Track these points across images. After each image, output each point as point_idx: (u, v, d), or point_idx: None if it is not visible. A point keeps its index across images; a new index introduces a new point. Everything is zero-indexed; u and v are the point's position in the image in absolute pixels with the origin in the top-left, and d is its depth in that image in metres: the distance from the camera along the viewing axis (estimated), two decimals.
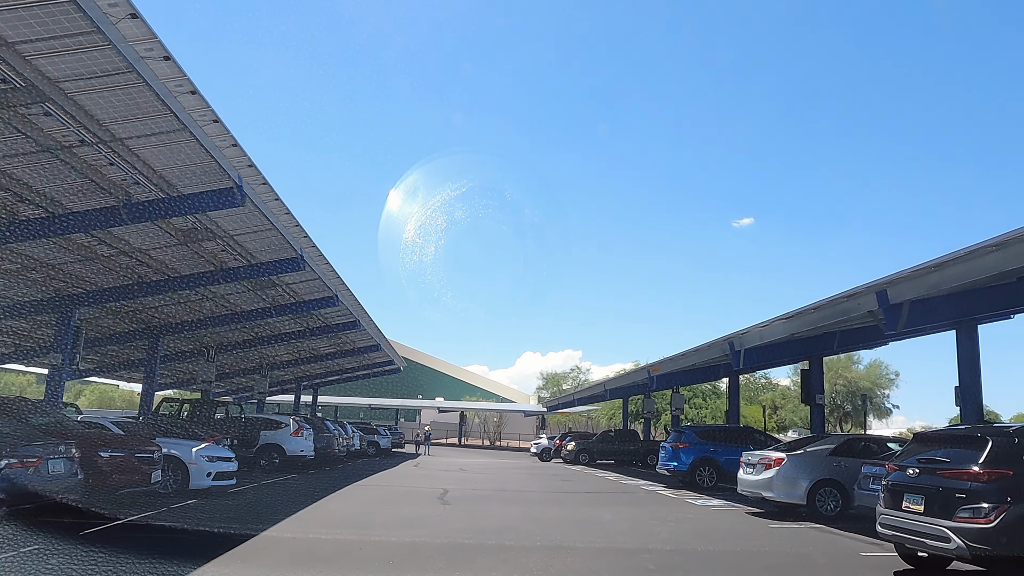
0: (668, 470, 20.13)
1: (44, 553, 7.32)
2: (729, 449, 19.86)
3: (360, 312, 27.92)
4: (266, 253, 19.14)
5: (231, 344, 28.67)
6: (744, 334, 16.63)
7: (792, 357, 18.17)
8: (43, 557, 7.15)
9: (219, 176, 14.00)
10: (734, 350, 17.13)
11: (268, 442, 21.31)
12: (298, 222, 17.64)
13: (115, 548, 7.81)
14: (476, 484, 19.75)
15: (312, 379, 42.95)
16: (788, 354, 17.79)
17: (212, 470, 14.15)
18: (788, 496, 13.14)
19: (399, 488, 17.80)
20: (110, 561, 7.16)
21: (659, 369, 23.30)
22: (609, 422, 57.13)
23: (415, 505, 13.90)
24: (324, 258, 20.67)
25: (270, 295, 23.05)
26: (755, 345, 16.50)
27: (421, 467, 28.36)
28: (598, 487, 20.13)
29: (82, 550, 7.53)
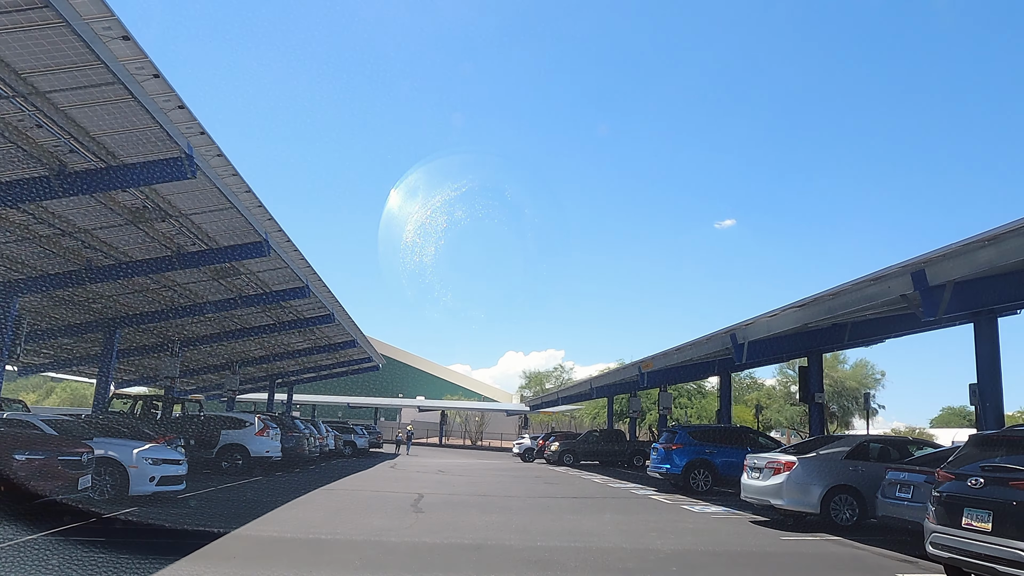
0: (660, 473, 18.73)
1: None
2: (725, 451, 18.52)
3: (334, 305, 26.28)
4: (227, 236, 17.50)
5: (197, 338, 26.91)
6: (749, 325, 15.23)
7: (796, 351, 16.79)
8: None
9: (165, 144, 12.38)
10: (736, 343, 15.74)
11: (230, 442, 19.63)
12: (261, 202, 16.02)
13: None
14: (454, 488, 18.24)
15: (287, 376, 41.18)
16: (792, 348, 16.40)
17: (156, 474, 12.50)
18: (799, 504, 11.76)
19: (369, 493, 16.24)
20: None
21: (651, 365, 21.92)
22: (593, 422, 55.77)
23: (384, 514, 12.35)
24: (292, 244, 19.05)
25: (235, 284, 21.37)
26: (760, 337, 15.12)
27: (398, 468, 26.78)
28: (585, 491, 18.70)
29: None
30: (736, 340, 15.69)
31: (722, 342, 16.68)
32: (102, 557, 7.37)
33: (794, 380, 57.82)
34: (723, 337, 16.43)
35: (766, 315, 14.23)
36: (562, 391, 43.45)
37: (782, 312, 13.54)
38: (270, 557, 8.21)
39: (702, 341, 17.81)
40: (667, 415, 32.82)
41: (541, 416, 62.51)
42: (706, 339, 17.54)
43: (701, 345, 17.99)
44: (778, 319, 13.95)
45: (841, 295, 11.65)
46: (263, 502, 13.08)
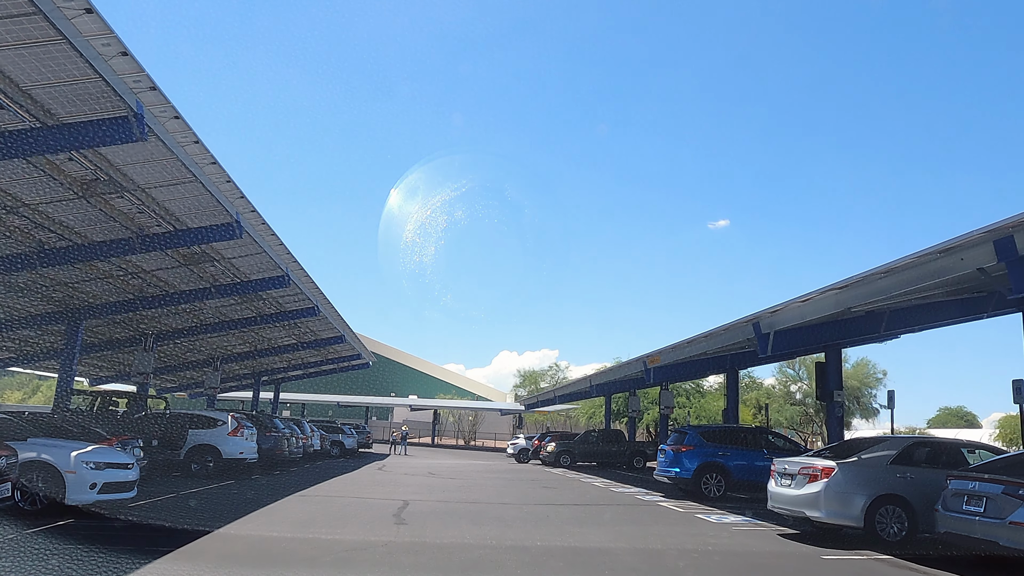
0: (668, 477, 17.07)
1: None
2: (740, 453, 16.88)
3: (318, 296, 24.54)
4: (193, 215, 15.75)
5: (172, 331, 25.11)
6: (776, 312, 13.51)
7: (823, 342, 15.03)
8: None
9: (108, 100, 10.67)
10: (760, 333, 14.05)
11: (201, 443, 17.87)
12: (230, 177, 14.30)
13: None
14: (444, 493, 16.54)
15: (273, 374, 39.37)
16: (820, 338, 14.67)
17: (98, 480, 10.75)
18: (840, 516, 10.11)
19: (349, 499, 14.52)
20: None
21: (658, 360, 20.22)
22: (589, 421, 54.07)
23: (360, 526, 10.65)
24: (268, 227, 17.31)
25: (208, 272, 19.60)
26: (788, 327, 13.44)
27: (386, 470, 25.06)
28: (587, 497, 17.03)
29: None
30: (760, 330, 14.00)
31: (742, 332, 14.98)
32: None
33: (794, 379, 56.29)
34: (743, 327, 14.73)
35: (797, 300, 12.50)
36: (559, 389, 41.70)
37: (819, 295, 11.79)
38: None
39: (718, 332, 16.09)
40: (668, 414, 31.23)
41: (536, 415, 60.82)
42: (723, 330, 15.82)
43: (716, 337, 16.29)
44: (812, 304, 12.21)
45: (897, 272, 9.90)
46: (224, 511, 11.36)
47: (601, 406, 50.42)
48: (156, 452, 16.06)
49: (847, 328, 14.30)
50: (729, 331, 15.68)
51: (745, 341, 15.52)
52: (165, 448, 16.78)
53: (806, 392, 55.36)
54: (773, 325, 13.74)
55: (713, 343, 16.84)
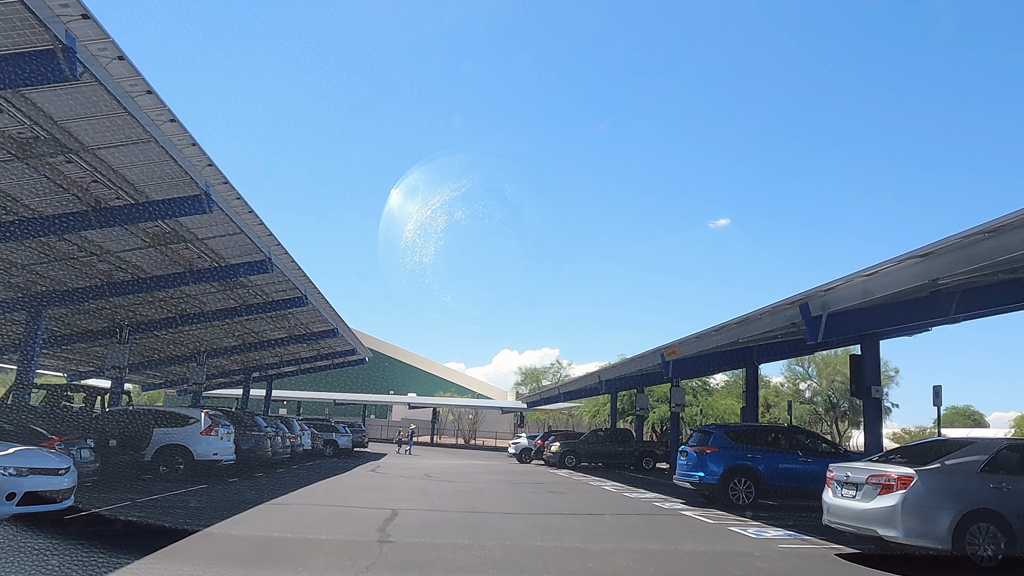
0: (691, 482, 15.11)
1: None
2: (771, 455, 14.92)
3: (306, 285, 22.58)
4: (156, 187, 13.81)
5: (150, 322, 23.16)
6: (831, 291, 11.41)
7: (886, 325, 12.78)
8: None
9: (30, 29, 8.77)
10: (810, 316, 11.99)
11: (169, 443, 15.92)
12: (195, 140, 12.38)
13: None
14: (439, 500, 14.60)
15: (264, 370, 37.41)
16: (881, 321, 12.42)
17: (18, 489, 8.78)
18: (921, 536, 8.15)
19: (330, 508, 12.57)
20: None
21: (677, 352, 18.16)
22: (593, 420, 52.03)
23: (334, 547, 8.70)
24: (245, 203, 15.37)
25: (182, 255, 17.67)
26: (847, 307, 11.39)
27: (379, 472, 23.10)
28: (600, 504, 15.08)
29: None
30: (809, 312, 11.97)
31: (786, 317, 12.92)
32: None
33: (803, 377, 54.30)
34: (786, 310, 12.66)
35: (861, 274, 10.38)
36: (564, 386, 39.61)
37: (893, 266, 9.62)
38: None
39: (754, 317, 13.98)
40: (679, 412, 29.27)
41: (537, 414, 58.84)
42: (760, 314, 13.69)
43: (752, 323, 14.21)
44: (883, 278, 10.09)
45: (1006, 232, 7.74)
46: (179, 525, 9.40)
47: (605, 404, 48.40)
48: (114, 453, 14.12)
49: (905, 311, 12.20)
50: (773, 314, 13.58)
51: (789, 327, 13.45)
52: (126, 449, 14.83)
53: (815, 390, 53.43)
54: (827, 306, 11.69)
55: (747, 330, 14.76)
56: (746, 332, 14.92)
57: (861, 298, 10.89)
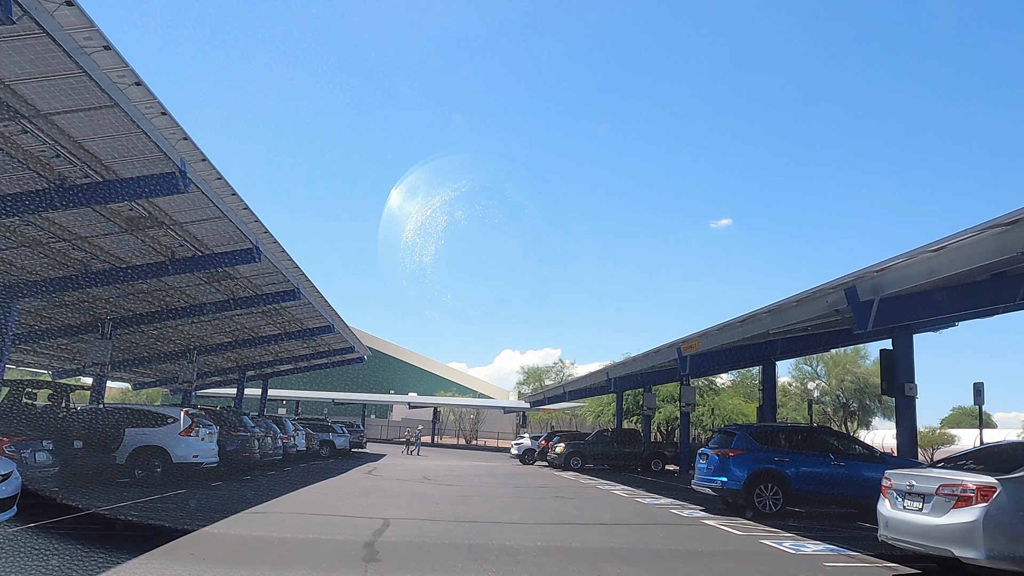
0: (713, 488, 13.73)
1: None
2: (800, 458, 13.53)
3: (298, 277, 21.25)
4: (125, 162, 12.47)
5: (135, 316, 21.82)
6: (884, 271, 9.90)
7: (950, 311, 11.27)
8: None
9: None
10: (857, 301, 10.57)
11: (145, 444, 14.60)
12: (165, 109, 11.07)
13: None
14: (437, 507, 13.26)
15: (259, 368, 36.05)
16: (943, 306, 10.90)
17: None
18: (1009, 558, 6.78)
19: (314, 519, 11.22)
20: None
21: (696, 346, 16.68)
22: (597, 420, 50.65)
23: (314, 565, 7.36)
24: (227, 185, 14.05)
25: (161, 242, 16.34)
26: (904, 290, 9.97)
27: (375, 474, 21.76)
28: (612, 513, 13.71)
29: None
30: (857, 296, 10.57)
31: (828, 303, 11.50)
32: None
33: (811, 376, 52.88)
34: (829, 295, 11.19)
35: (926, 249, 8.84)
36: (569, 384, 38.16)
37: (970, 238, 8.08)
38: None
39: (788, 305, 12.48)
40: (690, 412, 27.92)
41: (540, 414, 57.44)
42: (794, 302, 12.21)
43: (785, 312, 12.68)
44: (954, 252, 8.53)
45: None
46: (127, 544, 8.07)
47: (610, 404, 47.02)
48: (80, 456, 12.79)
49: (966, 296, 10.70)
50: (806, 302, 12.13)
51: (829, 316, 11.97)
52: (94, 451, 13.50)
53: (824, 390, 52.01)
54: (879, 288, 10.27)
55: (779, 320, 13.27)
56: (777, 322, 13.49)
57: (924, 278, 9.44)
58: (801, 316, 12.73)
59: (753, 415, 48.02)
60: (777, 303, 13.02)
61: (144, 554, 7.34)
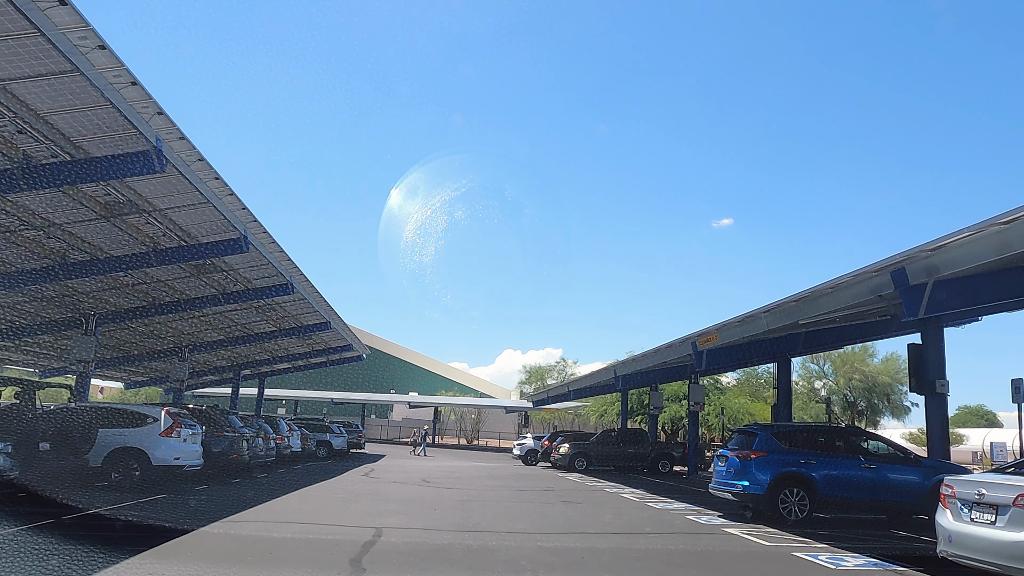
0: (733, 492, 12.64)
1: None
2: (827, 461, 12.43)
3: (291, 270, 20.18)
4: (97, 140, 11.42)
5: (120, 312, 20.77)
6: (940, 249, 8.59)
7: (998, 297, 10.07)
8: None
9: None
10: (907, 284, 9.36)
11: (122, 445, 13.53)
12: (136, 79, 10.03)
13: None
14: (435, 515, 12.19)
15: (255, 366, 34.99)
16: (996, 292, 9.76)
17: None
18: None
19: (299, 529, 10.14)
20: None
21: (714, 339, 15.48)
22: (600, 420, 49.50)
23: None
24: (210, 168, 12.99)
25: (143, 231, 15.29)
26: (963, 271, 8.78)
27: (372, 476, 20.70)
28: (625, 520, 12.63)
29: None
30: (906, 279, 9.41)
31: (870, 287, 10.27)
32: None
33: (818, 375, 51.68)
34: (873, 279, 9.91)
35: (995, 222, 7.48)
36: (573, 383, 36.99)
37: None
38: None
39: (823, 292, 11.07)
40: (699, 411, 26.86)
41: (542, 414, 56.32)
42: (830, 287, 10.79)
43: (819, 299, 11.23)
44: None
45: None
46: (70, 561, 7.00)
47: (613, 403, 45.91)
48: (47, 459, 11.73)
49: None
50: (845, 288, 10.82)
51: (875, 300, 10.78)
52: (64, 453, 12.44)
53: (831, 389, 50.82)
54: (934, 270, 9.10)
55: (810, 309, 11.94)
56: (808, 312, 12.28)
57: (992, 255, 8.26)
58: (837, 304, 11.48)
59: (760, 414, 46.95)
60: (809, 290, 11.79)
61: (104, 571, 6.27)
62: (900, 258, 9.55)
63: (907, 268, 9.54)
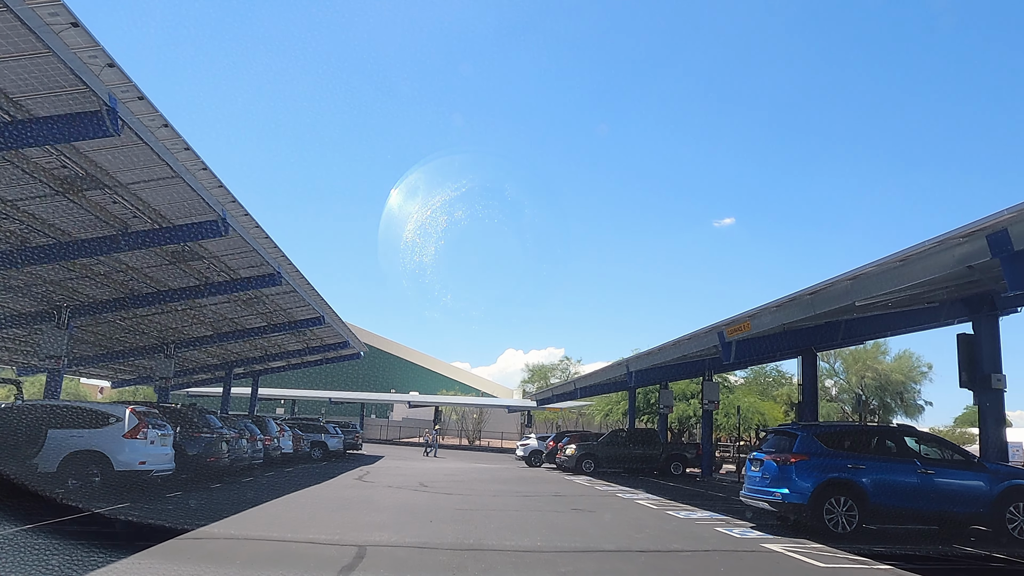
0: (771, 501, 11.03)
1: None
2: (879, 465, 10.82)
3: (279, 260, 18.60)
4: (40, 98, 9.84)
5: (95, 303, 19.21)
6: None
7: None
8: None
9: None
10: (1010, 249, 7.70)
11: (80, 448, 11.97)
12: (77, 19, 8.45)
13: None
14: (430, 527, 10.61)
15: (248, 364, 33.41)
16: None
17: None
18: None
19: (271, 547, 8.55)
20: None
21: (745, 328, 13.66)
22: (605, 420, 47.87)
23: None
24: (178, 136, 11.42)
25: (107, 209, 13.72)
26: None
27: (365, 480, 19.11)
28: (650, 534, 11.02)
29: None
30: (1009, 244, 7.67)
31: (956, 258, 8.38)
32: None
33: (829, 373, 49.98)
34: (962, 245, 7.96)
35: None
36: (580, 380, 35.23)
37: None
38: None
39: (890, 264, 8.96)
40: (712, 410, 25.28)
41: (545, 413, 54.68)
42: (901, 259, 8.55)
43: (883, 275, 9.19)
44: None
45: None
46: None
47: (619, 402, 44.31)
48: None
49: None
50: (920, 259, 8.98)
51: (963, 272, 9.06)
52: (4, 457, 10.86)
53: (842, 387, 49.20)
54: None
55: (870, 286, 10.08)
56: (868, 290, 10.43)
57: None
58: (907, 280, 9.49)
59: (770, 414, 45.30)
60: (874, 264, 9.85)
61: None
62: (1000, 219, 7.79)
63: (1010, 230, 7.83)
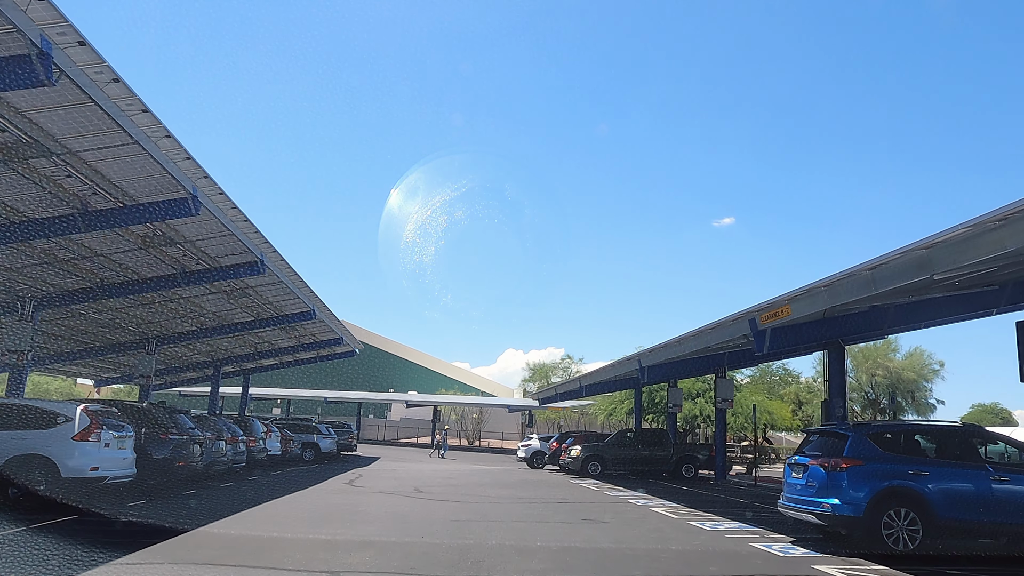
0: (817, 513, 9.42)
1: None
2: (944, 472, 9.23)
3: (262, 246, 17.01)
4: None
5: (62, 294, 17.63)
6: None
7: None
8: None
9: None
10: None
11: (22, 452, 10.38)
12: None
13: None
14: (422, 543, 9.02)
15: (239, 362, 31.82)
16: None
17: None
18: None
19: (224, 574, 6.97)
20: None
21: (784, 313, 11.91)
22: (608, 420, 46.25)
23: None
24: (137, 98, 9.88)
25: (68, 189, 12.16)
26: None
27: (356, 485, 17.51)
28: (679, 552, 9.39)
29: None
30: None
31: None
32: None
33: None
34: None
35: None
36: (586, 378, 33.58)
37: None
38: None
39: (989, 224, 6.81)
40: (727, 409, 23.70)
41: (547, 413, 53.05)
42: (1002, 217, 7.00)
43: (976, 239, 6.98)
44: None
45: None
46: None
47: (623, 402, 42.70)
48: None
49: None
50: (1016, 220, 7.27)
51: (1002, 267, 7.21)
52: None
53: (852, 386, 47.62)
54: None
55: (957, 257, 8.00)
56: (956, 259, 8.29)
57: None
58: (1006, 247, 7.84)
59: (778, 413, 43.74)
60: (968, 223, 7.63)
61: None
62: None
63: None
